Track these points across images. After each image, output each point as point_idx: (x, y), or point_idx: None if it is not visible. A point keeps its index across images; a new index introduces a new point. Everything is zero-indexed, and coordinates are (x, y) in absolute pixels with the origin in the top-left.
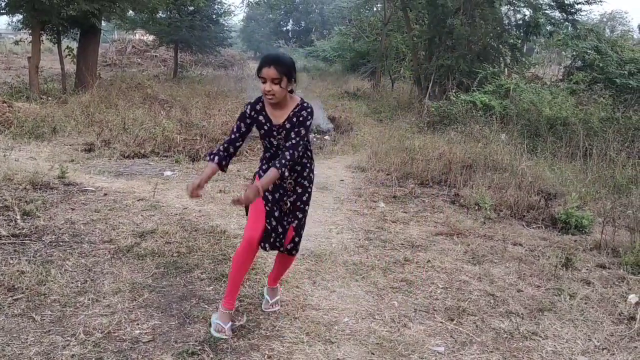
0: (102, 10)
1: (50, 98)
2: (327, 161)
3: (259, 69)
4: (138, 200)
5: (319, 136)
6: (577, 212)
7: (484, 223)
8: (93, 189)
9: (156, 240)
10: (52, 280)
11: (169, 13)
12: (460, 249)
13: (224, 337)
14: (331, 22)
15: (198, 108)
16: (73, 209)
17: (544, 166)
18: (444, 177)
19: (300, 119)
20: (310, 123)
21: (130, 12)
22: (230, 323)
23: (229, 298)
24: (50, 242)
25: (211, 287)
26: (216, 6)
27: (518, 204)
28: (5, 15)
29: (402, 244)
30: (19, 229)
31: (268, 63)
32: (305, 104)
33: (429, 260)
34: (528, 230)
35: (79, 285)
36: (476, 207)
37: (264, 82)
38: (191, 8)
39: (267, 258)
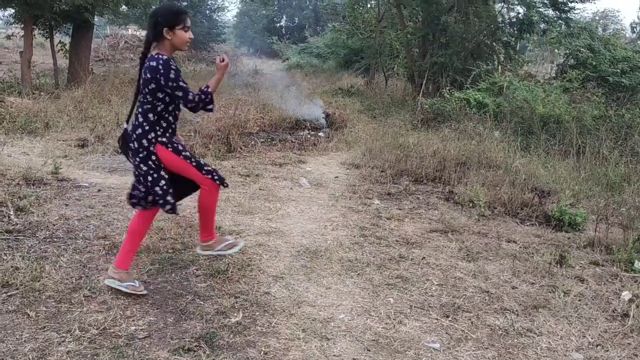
0: (95, 4)
1: (42, 93)
2: (321, 157)
3: (185, 18)
4: None
5: (312, 132)
6: (571, 209)
7: (478, 220)
8: (87, 184)
9: (151, 237)
10: (46, 277)
11: None
12: (454, 246)
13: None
14: (325, 18)
15: None
16: (67, 205)
17: (537, 164)
18: (438, 174)
19: None
20: None
21: (124, 7)
22: None
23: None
24: (44, 238)
25: (206, 284)
26: (210, 2)
27: (512, 201)
28: None
29: (397, 241)
30: (13, 225)
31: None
32: None
33: (424, 257)
34: (522, 227)
35: (74, 281)
36: (470, 204)
37: (187, 31)
38: (184, 3)
39: (263, 254)
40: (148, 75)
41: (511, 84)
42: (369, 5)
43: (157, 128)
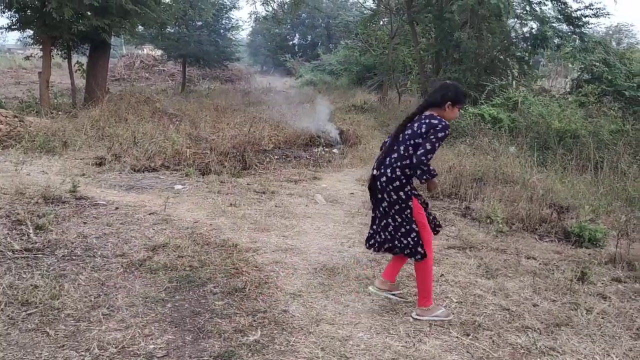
0: (112, 25)
1: (60, 112)
2: (336, 174)
3: (465, 102)
4: (149, 214)
5: (327, 149)
6: (590, 225)
7: (496, 236)
8: (104, 202)
9: (168, 254)
10: (65, 295)
11: (177, 28)
12: (473, 263)
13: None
14: (337, 36)
15: (207, 122)
16: (85, 223)
17: (554, 179)
18: (454, 190)
19: None
20: None
21: (140, 27)
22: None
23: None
24: (63, 256)
25: (224, 302)
26: (224, 21)
27: (530, 217)
28: (16, 31)
29: None
30: (32, 243)
31: None
32: None
33: (443, 274)
34: (541, 243)
35: (93, 299)
36: (488, 221)
37: (459, 111)
38: (199, 23)
39: (280, 272)
40: (423, 129)
41: (526, 99)
42: (381, 23)
43: (412, 181)
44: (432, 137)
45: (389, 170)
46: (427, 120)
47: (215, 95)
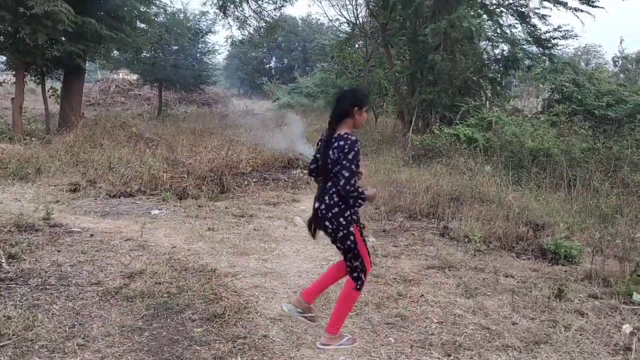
0: (86, 50)
1: (34, 139)
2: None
3: (368, 101)
4: (125, 240)
5: (305, 171)
6: (566, 242)
7: (475, 255)
8: (79, 229)
9: (145, 281)
10: (39, 325)
11: (153, 52)
12: (452, 282)
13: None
14: (313, 59)
15: (184, 146)
16: (59, 251)
17: (529, 197)
18: (432, 210)
19: None
20: None
21: (115, 52)
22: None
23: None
24: (36, 285)
25: (203, 328)
26: (200, 45)
27: (507, 235)
28: None
29: (394, 279)
30: (4, 273)
31: None
32: None
33: (422, 295)
34: (518, 261)
35: (67, 329)
36: (466, 240)
37: (367, 113)
38: (175, 47)
39: (260, 296)
40: (336, 155)
41: (499, 119)
42: (356, 46)
43: (352, 206)
44: (345, 162)
45: (326, 198)
46: (335, 144)
47: (192, 119)
